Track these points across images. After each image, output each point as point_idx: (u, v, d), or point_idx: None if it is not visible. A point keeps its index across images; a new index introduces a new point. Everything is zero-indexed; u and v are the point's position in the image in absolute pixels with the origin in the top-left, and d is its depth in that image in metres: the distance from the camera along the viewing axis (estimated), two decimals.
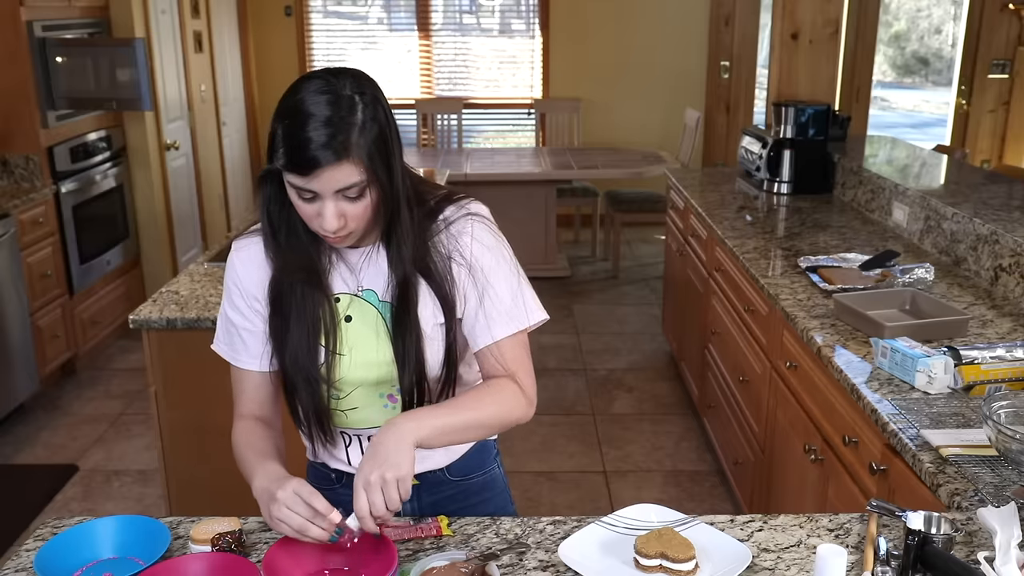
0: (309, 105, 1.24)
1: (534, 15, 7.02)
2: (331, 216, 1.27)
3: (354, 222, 1.30)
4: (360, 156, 1.24)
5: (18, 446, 3.76)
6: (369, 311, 1.40)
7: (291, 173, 1.25)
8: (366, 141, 1.24)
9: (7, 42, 4.07)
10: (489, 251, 1.41)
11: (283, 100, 1.29)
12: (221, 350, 1.50)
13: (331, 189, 1.25)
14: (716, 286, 3.40)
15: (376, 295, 1.40)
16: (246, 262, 1.43)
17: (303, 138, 1.22)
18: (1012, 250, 2.48)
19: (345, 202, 1.27)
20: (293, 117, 1.25)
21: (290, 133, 1.24)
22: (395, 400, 1.43)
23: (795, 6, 4.13)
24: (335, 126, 1.22)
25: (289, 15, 6.91)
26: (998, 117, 6.28)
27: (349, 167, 1.24)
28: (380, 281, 1.39)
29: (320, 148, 1.22)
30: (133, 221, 5.04)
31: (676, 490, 3.42)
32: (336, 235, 1.30)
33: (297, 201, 1.29)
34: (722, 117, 6.55)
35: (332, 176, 1.23)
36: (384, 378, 1.41)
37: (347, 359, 1.39)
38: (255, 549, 1.34)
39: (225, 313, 1.48)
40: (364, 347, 1.39)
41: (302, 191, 1.26)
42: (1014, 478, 1.54)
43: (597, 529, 1.37)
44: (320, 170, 1.23)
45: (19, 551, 1.34)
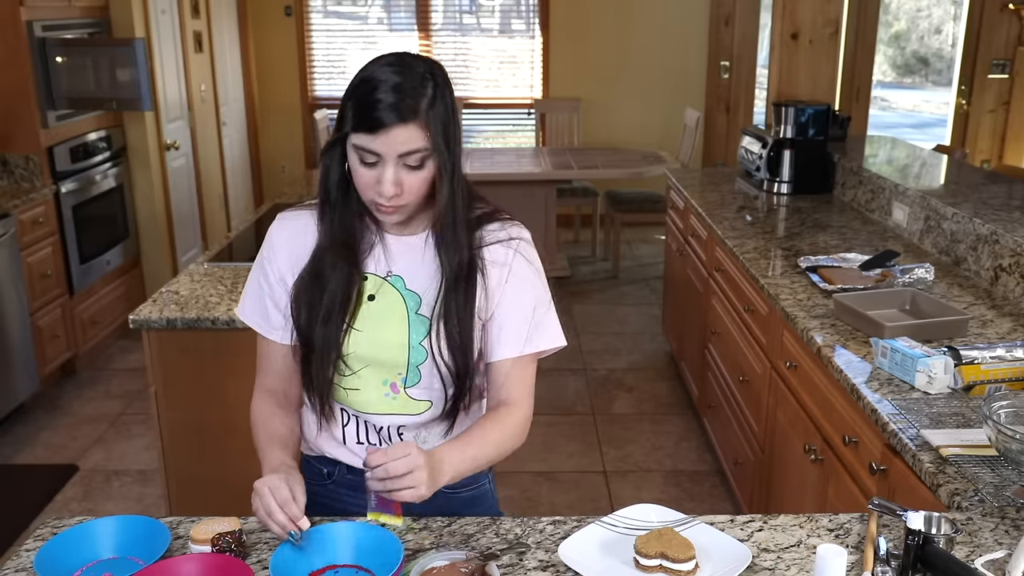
0: (382, 72, 1.30)
1: (534, 15, 7.02)
2: (389, 181, 1.31)
3: (409, 194, 1.33)
4: (426, 123, 1.29)
5: (18, 446, 3.76)
6: (393, 295, 1.42)
7: (359, 132, 1.29)
8: (434, 113, 1.30)
9: (7, 42, 4.07)
10: (524, 270, 1.45)
11: (358, 73, 1.34)
12: (253, 322, 1.51)
13: (395, 152, 1.29)
14: (716, 286, 3.40)
15: (403, 282, 1.43)
16: (282, 233, 1.47)
17: (375, 98, 1.28)
18: (1012, 250, 2.48)
19: (405, 170, 1.31)
20: (366, 82, 1.30)
21: (362, 95, 1.29)
22: (397, 391, 1.45)
23: (795, 6, 4.13)
24: (406, 91, 1.28)
25: (289, 15, 6.91)
26: (998, 117, 6.28)
27: (415, 130, 1.29)
28: (412, 270, 1.43)
29: (390, 107, 1.27)
30: (133, 221, 5.04)
31: (676, 490, 3.42)
32: (390, 204, 1.33)
33: (358, 167, 1.32)
34: (722, 117, 6.55)
35: (398, 136, 1.28)
36: (392, 361, 1.42)
37: (361, 335, 1.41)
38: (255, 549, 1.34)
39: (259, 283, 1.49)
40: (380, 327, 1.42)
41: (366, 154, 1.30)
42: (1014, 478, 1.54)
43: (597, 529, 1.37)
44: (389, 128, 1.27)
45: (19, 551, 1.34)
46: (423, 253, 1.43)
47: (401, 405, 1.46)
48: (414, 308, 1.42)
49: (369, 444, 1.50)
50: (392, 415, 1.46)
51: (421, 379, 1.44)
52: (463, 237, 1.40)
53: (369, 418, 1.47)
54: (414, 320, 1.42)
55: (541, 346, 1.46)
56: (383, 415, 1.46)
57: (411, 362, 1.43)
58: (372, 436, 1.50)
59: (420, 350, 1.42)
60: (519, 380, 1.45)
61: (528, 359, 1.46)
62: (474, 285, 1.41)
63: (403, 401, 1.45)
